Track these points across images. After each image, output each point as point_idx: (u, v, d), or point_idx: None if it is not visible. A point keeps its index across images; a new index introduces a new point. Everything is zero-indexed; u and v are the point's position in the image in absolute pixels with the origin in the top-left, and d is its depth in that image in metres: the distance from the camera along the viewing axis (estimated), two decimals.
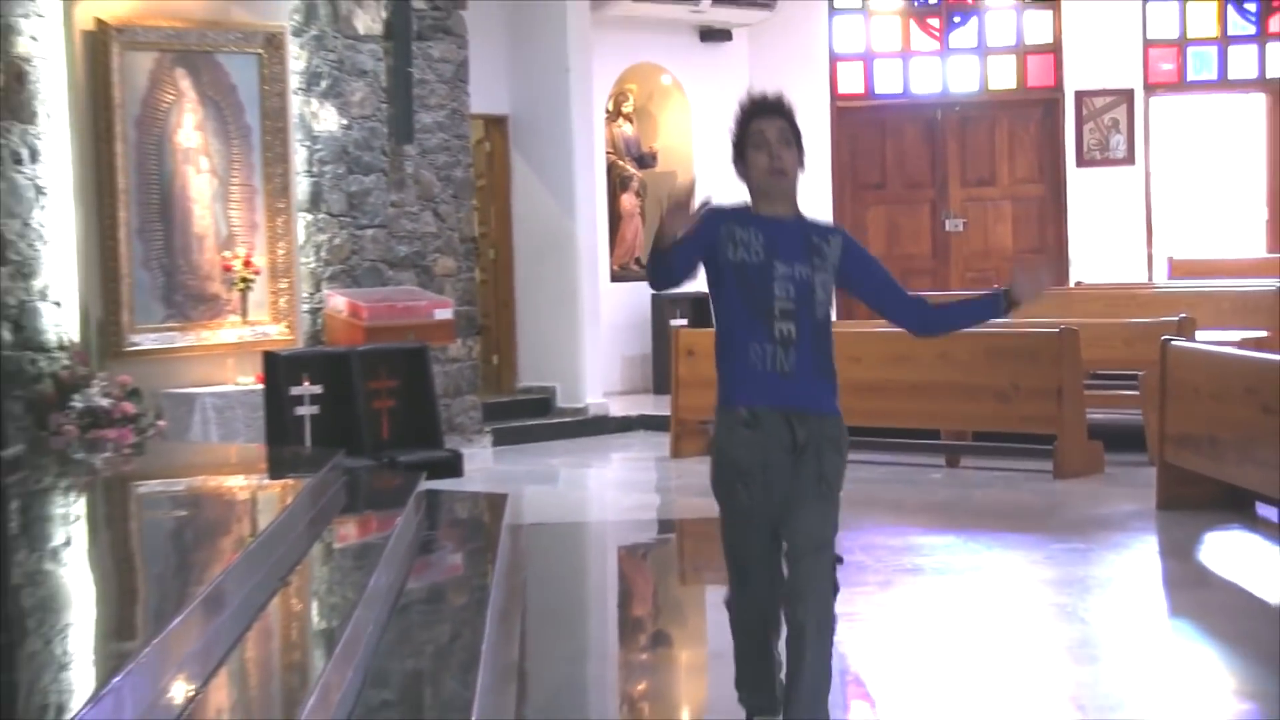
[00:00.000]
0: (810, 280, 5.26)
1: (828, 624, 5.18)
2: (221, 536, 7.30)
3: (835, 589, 5.21)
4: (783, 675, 5.34)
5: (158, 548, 7.12)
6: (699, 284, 5.59)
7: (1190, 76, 18.68)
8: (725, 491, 5.34)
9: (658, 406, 14.80)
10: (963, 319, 5.61)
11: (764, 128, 5.40)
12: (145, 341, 11.76)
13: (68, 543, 7.32)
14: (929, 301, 5.59)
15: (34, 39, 11.38)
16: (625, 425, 14.96)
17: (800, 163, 5.42)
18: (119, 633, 5.34)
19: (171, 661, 4.80)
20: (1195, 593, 8.52)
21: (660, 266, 5.41)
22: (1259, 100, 18.74)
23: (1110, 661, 7.04)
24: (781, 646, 5.38)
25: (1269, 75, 18.65)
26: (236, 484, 9.23)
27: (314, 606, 6.49)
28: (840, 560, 5.25)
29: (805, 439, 5.23)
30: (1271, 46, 18.65)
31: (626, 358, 16.58)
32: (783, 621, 5.28)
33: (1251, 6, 18.62)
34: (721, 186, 6.12)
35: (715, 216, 5.39)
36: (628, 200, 16.85)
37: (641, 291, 16.54)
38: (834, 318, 5.44)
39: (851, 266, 5.39)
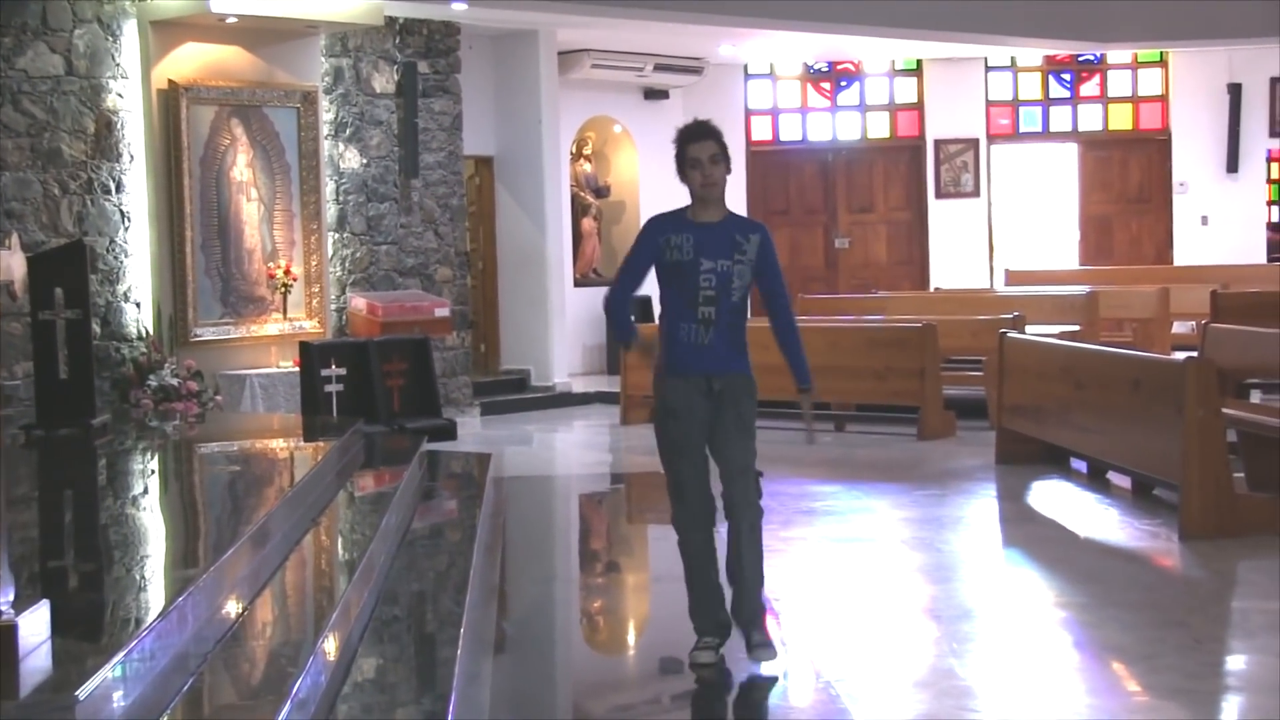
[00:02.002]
0: (730, 272, 5.44)
1: (757, 525, 5.49)
2: (266, 486, 7.27)
3: (760, 494, 5.50)
4: (728, 604, 5.59)
5: (216, 495, 7.08)
6: (642, 288, 5.69)
7: (1021, 129, 18.76)
8: (663, 428, 5.53)
9: (610, 384, 14.75)
10: (787, 356, 5.70)
11: (698, 153, 5.54)
12: (206, 333, 11.66)
13: (144, 491, 7.27)
14: (789, 324, 5.68)
15: (120, 95, 11.30)
16: (585, 399, 14.91)
17: (728, 169, 5.58)
18: (184, 561, 5.32)
19: (226, 584, 4.78)
20: (1024, 527, 8.57)
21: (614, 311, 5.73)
22: (1072, 148, 18.84)
23: (959, 580, 7.07)
24: (723, 579, 5.61)
25: (1080, 129, 18.78)
26: (278, 445, 9.18)
27: (339, 541, 6.47)
28: (761, 474, 5.51)
29: (721, 389, 5.46)
30: (1082, 107, 18.77)
31: (586, 346, 16.54)
32: (719, 546, 5.56)
33: (1067, 76, 18.73)
34: (658, 207, 6.11)
35: (655, 229, 5.59)
36: (587, 223, 16.79)
37: (597, 294, 16.37)
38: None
39: (762, 263, 5.53)
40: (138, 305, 11.41)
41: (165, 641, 3.96)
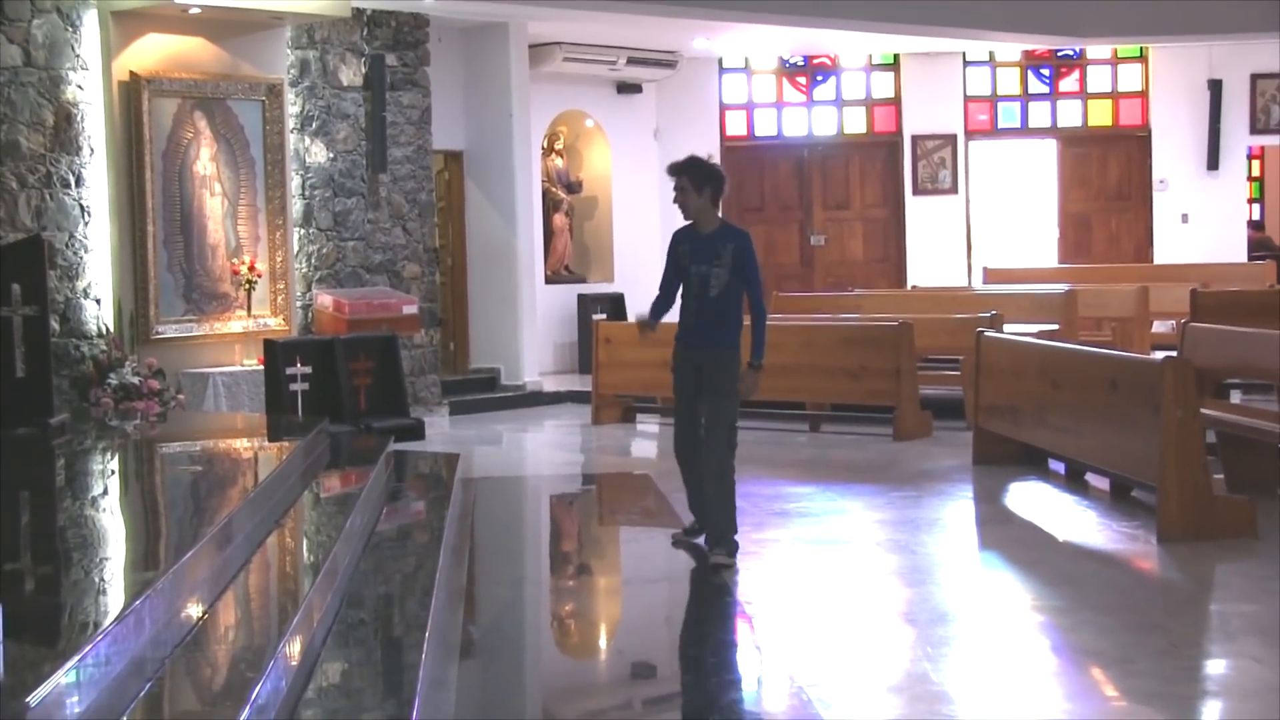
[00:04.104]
0: (708, 275, 7.26)
1: (720, 472, 7.29)
2: (229, 487, 7.24)
3: (733, 446, 7.35)
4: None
5: (177, 496, 7.05)
6: (614, 286, 6.07)
7: (1000, 125, 18.81)
8: (673, 372, 7.49)
9: (582, 384, 14.77)
10: (751, 337, 7.43)
11: (675, 186, 7.37)
12: (168, 331, 11.61)
13: (104, 492, 7.23)
14: (758, 313, 7.42)
15: (80, 87, 11.24)
16: (556, 399, 14.90)
17: (699, 192, 7.31)
18: (144, 564, 5.28)
19: (186, 587, 4.76)
20: (1001, 529, 8.59)
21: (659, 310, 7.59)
22: (1051, 145, 18.90)
23: (935, 583, 7.08)
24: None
25: (1059, 125, 18.84)
26: (241, 445, 9.15)
27: (303, 543, 6.45)
28: (735, 430, 7.40)
29: (701, 360, 7.33)
30: (1061, 103, 18.83)
31: (557, 344, 16.53)
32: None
33: (1046, 72, 18.79)
34: (631, 203, 7.61)
35: (675, 240, 7.46)
36: (559, 219, 16.78)
37: (569, 291, 16.51)
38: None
39: (737, 265, 7.27)
40: (98, 302, 11.34)
41: (121, 646, 3.94)
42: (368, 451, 8.88)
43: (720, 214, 7.52)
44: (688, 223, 7.42)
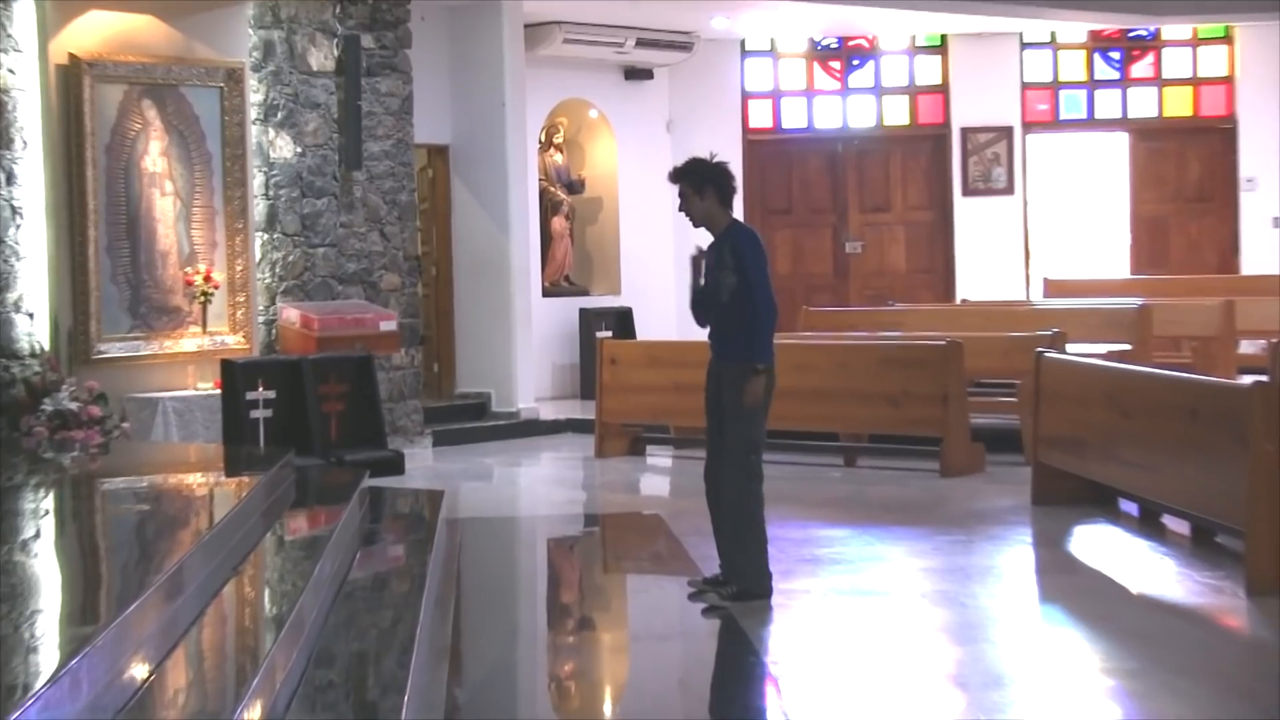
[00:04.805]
0: (720, 280, 7.53)
1: (735, 501, 7.50)
2: (180, 528, 7.23)
3: (752, 473, 7.51)
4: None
5: (121, 539, 7.04)
6: (620, 300, 5.96)
7: (1062, 116, 18.87)
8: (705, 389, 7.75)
9: (584, 411, 14.77)
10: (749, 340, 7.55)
11: (679, 194, 7.64)
12: (112, 350, 11.63)
13: (37, 535, 7.21)
14: (761, 308, 7.43)
15: (11, 71, 11.26)
16: (554, 428, 14.91)
17: (700, 196, 7.56)
18: (83, 617, 5.26)
19: (130, 643, 4.74)
20: (1065, 579, 8.57)
21: (698, 311, 7.73)
22: (1122, 138, 18.95)
23: (989, 642, 7.06)
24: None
25: (1131, 116, 18.87)
26: (195, 481, 9.14)
27: (264, 592, 6.45)
28: (753, 455, 7.55)
29: (718, 372, 7.61)
30: (1133, 91, 18.88)
31: (556, 366, 16.55)
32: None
33: (1115, 55, 18.85)
34: (640, 204, 7.45)
35: (709, 247, 7.73)
36: (558, 223, 16.81)
37: (569, 305, 16.53)
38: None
39: (736, 262, 7.47)
40: (30, 316, 11.35)
41: (55, 712, 3.92)
42: (339, 488, 8.88)
43: (738, 214, 7.78)
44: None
